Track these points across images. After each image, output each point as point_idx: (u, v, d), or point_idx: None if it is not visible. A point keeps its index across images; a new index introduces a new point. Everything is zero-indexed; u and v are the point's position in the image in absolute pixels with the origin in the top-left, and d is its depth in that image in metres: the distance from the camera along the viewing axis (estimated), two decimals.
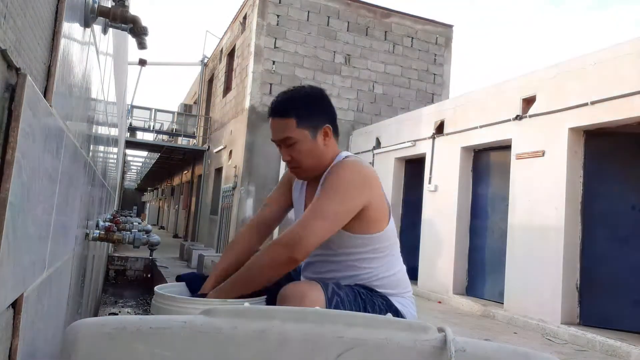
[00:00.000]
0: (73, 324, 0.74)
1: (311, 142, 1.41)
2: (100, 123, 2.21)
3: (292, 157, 1.42)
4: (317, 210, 1.28)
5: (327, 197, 1.30)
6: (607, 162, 5.24)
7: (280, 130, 1.41)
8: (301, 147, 1.41)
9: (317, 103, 1.47)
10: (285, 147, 1.42)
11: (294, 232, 1.26)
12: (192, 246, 8.85)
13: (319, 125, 1.43)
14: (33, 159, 0.68)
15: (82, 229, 1.75)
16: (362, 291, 1.37)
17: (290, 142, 1.40)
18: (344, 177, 1.34)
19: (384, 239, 1.42)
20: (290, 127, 1.39)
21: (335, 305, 1.24)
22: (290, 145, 1.41)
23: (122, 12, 1.28)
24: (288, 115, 1.40)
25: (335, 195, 1.31)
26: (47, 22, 0.75)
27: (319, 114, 1.44)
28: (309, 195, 1.52)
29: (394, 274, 1.44)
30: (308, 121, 1.41)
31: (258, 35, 10.33)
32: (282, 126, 1.41)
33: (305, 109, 1.42)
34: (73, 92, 1.10)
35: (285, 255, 1.24)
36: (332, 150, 1.46)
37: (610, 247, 5.10)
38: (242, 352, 0.72)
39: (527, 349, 0.79)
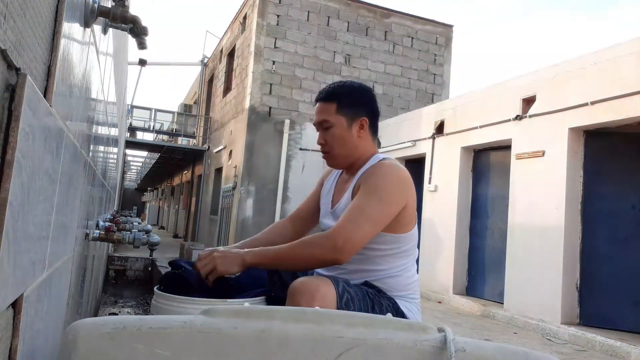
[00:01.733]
0: (73, 324, 0.74)
1: (346, 130, 1.47)
2: (100, 123, 2.21)
3: (326, 141, 1.48)
4: (366, 214, 1.31)
5: (372, 200, 1.33)
6: (607, 162, 5.24)
7: (320, 112, 1.49)
8: (335, 132, 1.47)
9: (360, 95, 1.53)
10: (321, 130, 1.49)
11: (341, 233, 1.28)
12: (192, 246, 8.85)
13: (357, 115, 1.48)
14: (33, 159, 0.68)
15: (82, 229, 1.75)
16: (370, 291, 1.37)
17: (327, 125, 1.47)
18: (388, 180, 1.38)
19: (408, 241, 1.44)
20: (330, 111, 1.47)
21: (345, 302, 1.25)
22: (326, 128, 1.47)
23: (122, 12, 1.28)
24: (330, 100, 1.48)
25: (381, 198, 1.34)
26: (47, 22, 0.75)
27: (360, 106, 1.50)
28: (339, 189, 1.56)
29: (407, 277, 1.45)
30: (347, 109, 1.47)
31: (258, 35, 10.33)
32: (323, 109, 1.48)
33: (347, 97, 1.49)
34: (73, 92, 1.10)
35: (332, 256, 1.27)
36: (366, 144, 1.50)
37: (610, 247, 5.10)
38: (242, 352, 0.72)
39: (527, 349, 0.79)
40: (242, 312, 0.75)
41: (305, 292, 1.20)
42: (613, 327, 4.88)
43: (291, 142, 10.25)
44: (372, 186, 1.36)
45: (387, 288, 1.42)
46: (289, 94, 10.46)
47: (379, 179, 1.37)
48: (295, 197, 10.18)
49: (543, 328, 5.14)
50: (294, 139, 10.30)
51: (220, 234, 11.10)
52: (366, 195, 1.34)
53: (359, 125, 1.48)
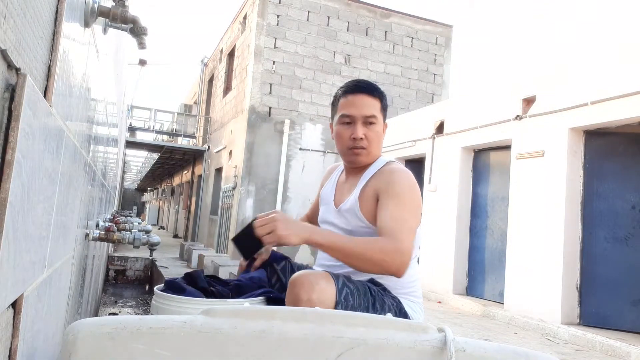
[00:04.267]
0: (73, 324, 0.74)
1: (381, 129, 1.49)
2: (100, 123, 2.21)
3: (366, 137, 1.46)
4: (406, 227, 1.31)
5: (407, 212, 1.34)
6: (607, 162, 5.24)
7: (368, 106, 1.46)
8: (378, 130, 1.48)
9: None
10: (363, 124, 1.46)
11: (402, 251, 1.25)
12: (192, 246, 8.85)
13: (384, 119, 1.52)
14: (33, 159, 0.68)
15: (82, 229, 1.75)
16: (374, 288, 1.37)
17: (373, 120, 1.46)
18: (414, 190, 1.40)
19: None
20: (377, 107, 1.47)
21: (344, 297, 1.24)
22: (371, 124, 1.46)
23: (122, 12, 1.28)
24: (376, 96, 1.48)
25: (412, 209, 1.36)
26: (47, 22, 0.75)
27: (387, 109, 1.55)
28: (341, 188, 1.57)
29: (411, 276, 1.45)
30: (384, 109, 1.51)
31: (258, 35, 10.33)
32: (371, 103, 1.47)
33: (385, 98, 1.53)
34: (73, 92, 1.10)
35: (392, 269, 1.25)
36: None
37: (610, 247, 5.10)
38: (242, 352, 0.72)
39: (527, 349, 0.79)
40: (242, 312, 0.75)
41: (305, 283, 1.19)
42: (613, 327, 4.88)
43: (291, 142, 10.25)
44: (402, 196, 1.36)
45: (392, 286, 1.42)
46: (289, 94, 10.46)
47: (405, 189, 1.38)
48: (295, 197, 10.18)
49: (543, 328, 5.14)
50: (294, 139, 10.30)
51: (220, 234, 11.10)
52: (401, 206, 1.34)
53: (385, 126, 1.53)
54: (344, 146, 1.49)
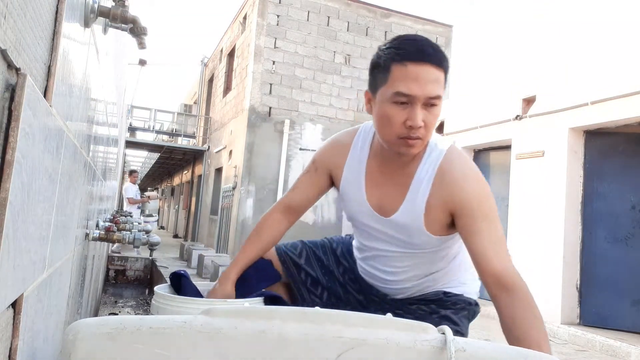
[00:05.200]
0: (73, 324, 0.74)
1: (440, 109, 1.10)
2: (100, 123, 2.21)
3: (425, 122, 1.07)
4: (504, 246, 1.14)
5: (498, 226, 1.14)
6: (607, 162, 5.24)
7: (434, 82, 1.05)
8: (438, 112, 1.09)
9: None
10: (424, 107, 1.06)
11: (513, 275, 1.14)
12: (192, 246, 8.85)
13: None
14: (33, 159, 0.68)
15: (82, 229, 1.75)
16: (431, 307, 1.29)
17: (436, 102, 1.07)
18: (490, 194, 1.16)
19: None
20: (442, 81, 1.07)
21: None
22: (432, 105, 1.07)
23: (122, 12, 1.28)
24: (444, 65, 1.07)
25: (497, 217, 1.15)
26: (47, 22, 0.75)
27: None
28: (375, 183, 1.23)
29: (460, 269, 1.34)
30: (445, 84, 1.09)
31: (258, 35, 10.34)
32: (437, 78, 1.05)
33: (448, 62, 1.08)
34: (73, 92, 1.10)
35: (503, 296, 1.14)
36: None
37: (610, 247, 5.10)
38: (242, 352, 0.72)
39: (527, 349, 0.79)
40: (242, 312, 0.75)
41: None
42: (613, 327, 4.88)
43: (291, 142, 10.25)
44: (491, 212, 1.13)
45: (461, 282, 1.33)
46: (289, 94, 10.46)
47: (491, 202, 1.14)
48: None
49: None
50: (294, 139, 10.30)
51: (220, 234, 11.10)
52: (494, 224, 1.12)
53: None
54: (393, 133, 1.09)
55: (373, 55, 1.16)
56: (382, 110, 1.11)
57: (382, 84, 1.10)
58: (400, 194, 1.18)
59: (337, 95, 10.76)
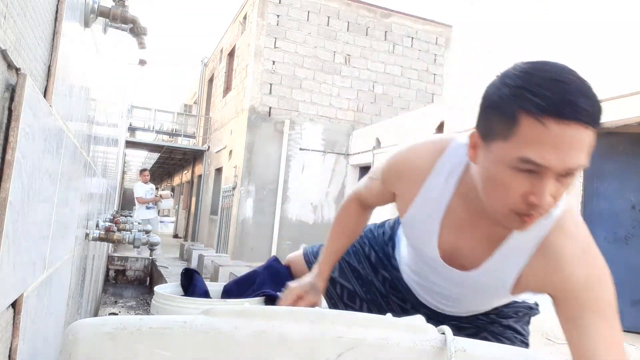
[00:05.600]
0: (73, 324, 0.74)
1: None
2: (100, 123, 2.21)
3: (554, 196, 0.80)
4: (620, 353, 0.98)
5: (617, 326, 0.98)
6: (607, 162, 5.24)
7: (580, 148, 0.77)
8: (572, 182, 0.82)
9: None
10: (559, 179, 0.79)
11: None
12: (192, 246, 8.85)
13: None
14: (33, 159, 0.68)
15: (82, 229, 1.75)
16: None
17: (575, 173, 0.80)
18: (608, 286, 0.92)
19: None
20: (589, 143, 0.78)
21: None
22: (568, 175, 0.79)
23: (122, 12, 1.28)
24: (596, 124, 0.77)
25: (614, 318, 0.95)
26: (47, 22, 0.75)
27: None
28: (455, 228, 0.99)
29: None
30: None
31: (258, 35, 10.34)
32: (586, 141, 0.77)
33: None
34: (73, 92, 1.10)
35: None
36: None
37: (610, 247, 5.10)
38: (242, 352, 0.72)
39: (527, 349, 0.79)
40: (242, 312, 0.75)
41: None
42: None
43: (291, 142, 10.25)
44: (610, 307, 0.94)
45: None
46: (289, 94, 10.46)
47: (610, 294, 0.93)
48: (295, 197, 10.18)
49: (543, 328, 5.14)
50: (294, 139, 10.30)
51: (220, 234, 11.10)
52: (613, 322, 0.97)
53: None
54: (506, 204, 0.82)
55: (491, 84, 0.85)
56: (496, 172, 0.81)
57: (502, 137, 0.79)
58: (484, 250, 0.95)
59: (337, 95, 10.76)
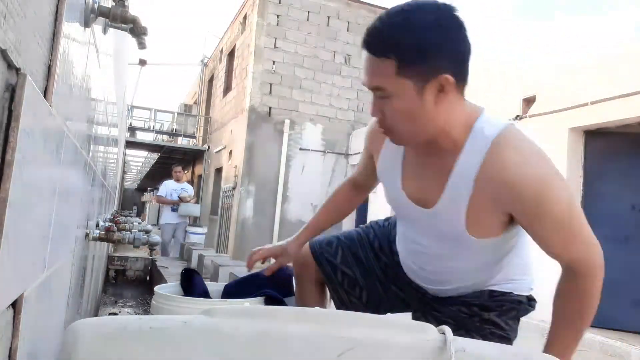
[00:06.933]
0: (73, 324, 0.74)
1: (414, 100, 0.93)
2: (100, 123, 2.21)
3: (384, 115, 0.98)
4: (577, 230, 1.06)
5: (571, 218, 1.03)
6: (607, 162, 5.24)
7: (371, 73, 0.95)
8: (398, 105, 0.94)
9: (435, 37, 0.92)
10: (376, 98, 0.97)
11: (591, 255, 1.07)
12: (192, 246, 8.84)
13: (432, 74, 0.92)
14: (33, 159, 0.68)
15: (82, 229, 1.75)
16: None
17: (384, 94, 0.95)
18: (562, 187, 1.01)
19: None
20: (386, 73, 0.92)
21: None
22: (384, 97, 0.95)
23: (122, 12, 1.28)
24: (385, 54, 0.92)
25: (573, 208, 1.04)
26: (47, 22, 0.75)
27: (436, 56, 0.93)
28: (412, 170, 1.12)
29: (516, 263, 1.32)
30: (414, 66, 0.92)
31: (258, 35, 10.34)
32: (376, 69, 0.94)
33: (413, 48, 0.91)
34: (73, 92, 1.10)
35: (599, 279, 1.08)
36: (451, 111, 0.99)
37: (610, 247, 5.08)
38: (242, 352, 0.72)
39: (528, 350, 0.79)
40: (243, 312, 0.75)
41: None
42: (613, 327, 4.88)
43: (291, 142, 10.25)
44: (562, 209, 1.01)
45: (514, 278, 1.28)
46: (289, 94, 10.46)
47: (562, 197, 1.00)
48: (295, 197, 10.18)
49: (543, 328, 5.14)
50: (294, 139, 10.30)
51: (220, 234, 11.10)
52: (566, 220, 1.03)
53: (437, 87, 0.94)
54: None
55: None
56: None
57: None
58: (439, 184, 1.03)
59: (337, 95, 10.76)
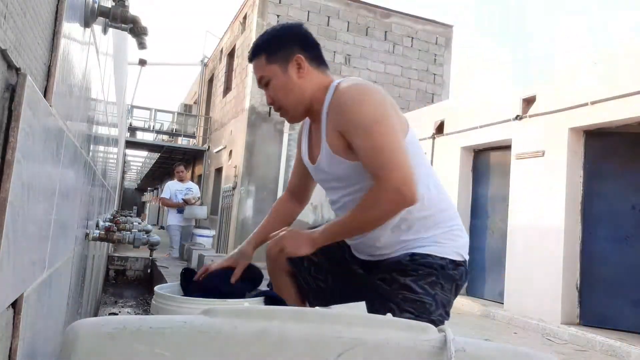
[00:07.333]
0: (73, 324, 0.74)
1: (283, 77, 1.32)
2: (100, 123, 2.21)
3: (272, 98, 1.36)
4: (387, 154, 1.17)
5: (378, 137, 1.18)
6: (607, 162, 5.24)
7: (255, 71, 1.38)
8: (275, 85, 1.33)
9: (284, 33, 1.39)
10: (265, 89, 1.37)
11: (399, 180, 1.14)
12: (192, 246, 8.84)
13: (289, 56, 1.33)
14: (33, 159, 0.68)
15: (82, 229, 1.75)
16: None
17: (264, 81, 1.35)
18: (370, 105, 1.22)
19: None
20: (261, 65, 1.34)
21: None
22: (267, 85, 1.35)
23: (122, 12, 1.28)
24: (258, 54, 1.36)
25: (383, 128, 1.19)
26: (47, 22, 0.75)
27: (287, 44, 1.35)
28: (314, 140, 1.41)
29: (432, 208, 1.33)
30: (276, 54, 1.33)
31: (258, 35, 10.34)
32: (256, 67, 1.37)
33: (272, 43, 1.35)
34: (73, 92, 1.10)
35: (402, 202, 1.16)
36: (314, 80, 1.35)
37: (610, 247, 5.10)
38: (242, 352, 0.72)
39: (528, 349, 0.79)
40: (242, 312, 0.75)
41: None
42: (613, 327, 4.88)
43: (291, 142, 10.25)
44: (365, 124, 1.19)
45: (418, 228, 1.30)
46: None
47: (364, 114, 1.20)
48: None
49: (543, 328, 5.14)
50: (294, 139, 10.30)
51: (220, 234, 11.09)
52: (371, 136, 1.18)
53: (296, 65, 1.33)
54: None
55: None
56: None
57: None
58: (319, 139, 1.34)
59: None
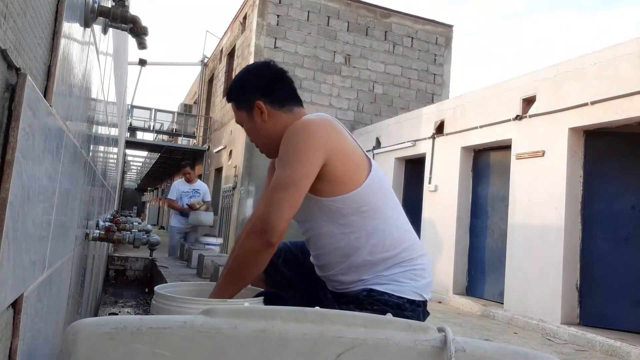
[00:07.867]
0: (73, 324, 0.74)
1: (250, 122, 1.38)
2: (100, 123, 2.21)
3: (251, 139, 1.42)
4: (275, 184, 1.20)
5: (281, 167, 1.23)
6: (607, 162, 5.24)
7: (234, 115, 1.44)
8: (246, 128, 1.41)
9: (243, 80, 1.41)
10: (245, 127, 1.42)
11: (262, 215, 1.18)
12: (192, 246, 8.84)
13: (250, 103, 1.36)
14: (33, 159, 0.68)
15: (82, 229, 1.75)
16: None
17: (240, 123, 1.41)
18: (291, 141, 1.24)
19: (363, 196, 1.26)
20: (234, 110, 1.41)
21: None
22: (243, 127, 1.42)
23: (122, 12, 1.28)
24: (230, 101, 1.42)
25: (287, 161, 1.22)
26: (47, 22, 0.75)
27: (247, 92, 1.38)
28: None
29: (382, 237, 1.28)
30: (240, 102, 1.39)
31: (258, 35, 10.34)
32: (233, 111, 1.43)
33: (235, 91, 1.40)
34: (73, 92, 1.10)
35: (260, 243, 1.17)
36: (279, 123, 1.35)
37: (610, 247, 5.10)
38: (242, 352, 0.72)
39: (527, 349, 0.79)
40: (242, 312, 0.75)
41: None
42: (613, 327, 4.88)
43: None
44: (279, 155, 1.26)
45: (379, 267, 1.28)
46: None
47: (282, 146, 1.25)
48: None
49: (543, 328, 5.14)
50: None
51: (220, 234, 11.09)
52: (277, 165, 1.26)
53: (258, 110, 1.35)
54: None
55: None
56: None
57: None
58: None
59: (337, 95, 10.75)
